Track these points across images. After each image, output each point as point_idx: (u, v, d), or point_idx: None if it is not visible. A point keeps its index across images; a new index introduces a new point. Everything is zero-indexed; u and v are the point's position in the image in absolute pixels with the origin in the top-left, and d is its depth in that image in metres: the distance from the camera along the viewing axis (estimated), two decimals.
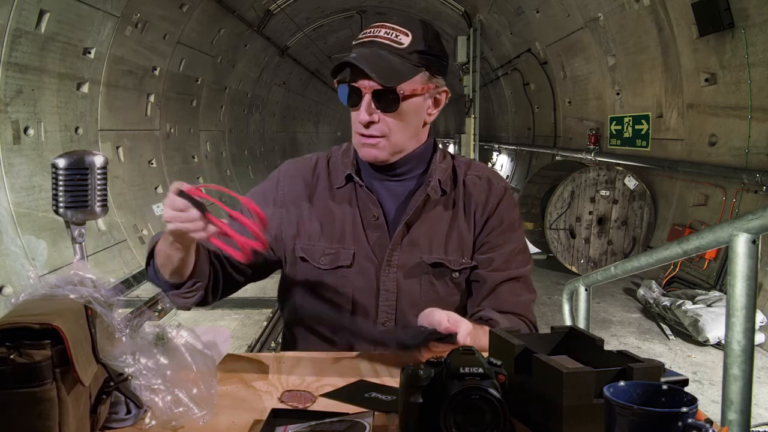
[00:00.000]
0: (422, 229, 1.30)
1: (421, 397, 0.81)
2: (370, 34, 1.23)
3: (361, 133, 1.25)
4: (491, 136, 14.40)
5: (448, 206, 1.33)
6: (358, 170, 1.34)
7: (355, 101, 1.23)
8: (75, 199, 1.18)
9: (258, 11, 11.02)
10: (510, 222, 1.34)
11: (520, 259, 1.34)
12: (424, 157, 1.34)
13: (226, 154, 12.34)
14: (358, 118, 1.23)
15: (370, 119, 1.22)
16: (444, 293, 1.29)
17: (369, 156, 1.27)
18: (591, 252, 6.79)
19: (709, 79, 5.53)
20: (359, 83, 1.21)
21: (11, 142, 5.44)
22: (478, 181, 1.36)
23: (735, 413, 1.61)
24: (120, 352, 0.86)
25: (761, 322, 4.32)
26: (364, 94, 1.21)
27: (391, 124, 1.24)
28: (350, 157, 1.35)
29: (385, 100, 1.22)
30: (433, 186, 1.31)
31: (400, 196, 1.33)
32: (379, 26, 1.24)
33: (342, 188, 1.34)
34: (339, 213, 1.32)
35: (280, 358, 1.18)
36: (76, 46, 6.29)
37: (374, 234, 1.30)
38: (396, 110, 1.23)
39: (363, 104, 1.22)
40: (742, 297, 1.60)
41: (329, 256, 1.29)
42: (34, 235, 5.46)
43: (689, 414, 0.65)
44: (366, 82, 1.20)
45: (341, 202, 1.32)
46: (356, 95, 1.22)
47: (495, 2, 10.08)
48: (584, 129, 8.43)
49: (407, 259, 1.29)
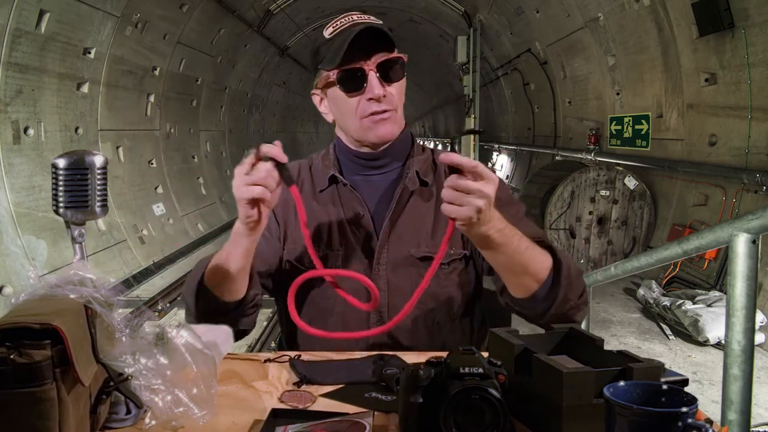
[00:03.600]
0: (407, 222, 1.30)
1: (421, 397, 0.81)
2: (347, 21, 1.23)
3: (373, 111, 1.23)
4: (491, 136, 14.40)
5: (431, 197, 1.33)
6: (340, 170, 1.34)
7: (357, 84, 1.22)
8: (75, 199, 1.18)
9: (258, 11, 11.02)
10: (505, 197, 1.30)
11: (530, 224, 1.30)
12: (404, 147, 1.35)
13: (226, 154, 12.34)
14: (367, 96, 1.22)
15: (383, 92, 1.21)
16: (435, 286, 1.27)
17: (386, 133, 1.26)
18: (591, 252, 6.79)
19: (709, 79, 5.53)
20: (360, 64, 1.20)
21: (11, 142, 5.44)
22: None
23: (735, 413, 1.61)
24: (120, 352, 0.86)
25: (761, 322, 4.32)
26: (368, 71, 1.20)
27: (396, 96, 1.25)
28: (331, 159, 1.36)
29: (393, 68, 1.22)
30: (411, 177, 1.31)
31: (382, 189, 1.33)
32: (346, 15, 1.25)
33: (325, 191, 1.34)
34: (324, 216, 1.32)
35: (280, 358, 1.18)
36: (76, 46, 6.29)
37: (360, 232, 1.31)
38: (402, 78, 1.24)
39: (371, 81, 1.20)
40: (742, 297, 1.61)
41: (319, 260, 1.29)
42: (34, 235, 5.46)
43: (689, 414, 0.65)
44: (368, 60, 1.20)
45: (325, 204, 1.33)
46: (359, 77, 1.21)
47: (495, 2, 10.08)
48: (584, 129, 8.43)
49: (395, 254, 1.29)
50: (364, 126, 1.26)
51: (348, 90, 1.23)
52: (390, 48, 1.22)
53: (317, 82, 1.31)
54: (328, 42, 1.23)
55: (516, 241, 1.09)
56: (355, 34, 1.16)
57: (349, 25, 1.22)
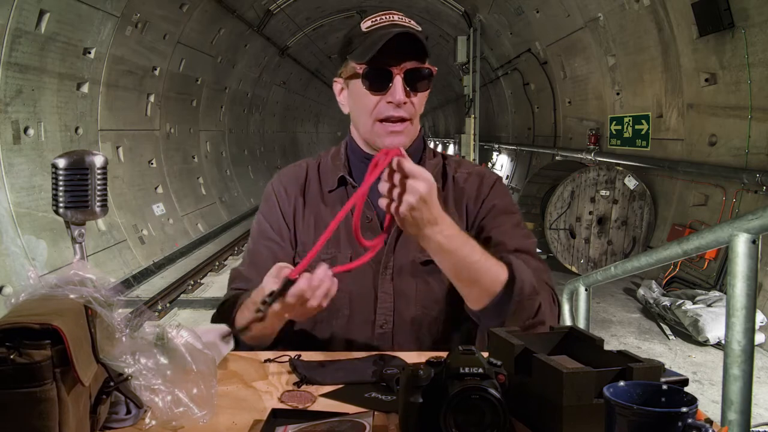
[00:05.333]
0: None
1: (421, 397, 0.81)
2: (387, 19, 1.21)
3: (390, 115, 1.21)
4: (491, 136, 14.40)
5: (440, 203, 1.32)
6: (350, 171, 1.33)
7: (382, 85, 1.20)
8: (75, 199, 1.18)
9: (258, 11, 11.02)
10: (503, 206, 1.31)
11: (519, 234, 1.29)
12: (416, 152, 1.33)
13: (226, 154, 12.34)
14: (388, 99, 1.20)
15: (405, 99, 1.20)
16: (439, 291, 1.28)
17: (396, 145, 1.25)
18: (591, 252, 6.79)
19: (709, 79, 5.53)
20: (389, 66, 1.18)
21: (11, 142, 5.45)
22: (469, 177, 1.35)
23: (735, 413, 1.61)
24: (120, 352, 0.86)
25: (761, 322, 4.33)
26: (395, 75, 1.18)
27: (417, 106, 1.23)
28: (341, 159, 1.34)
29: (419, 78, 1.21)
30: None
31: None
32: (388, 13, 1.23)
33: (334, 191, 1.33)
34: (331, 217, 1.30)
35: (280, 358, 1.18)
36: (76, 46, 6.29)
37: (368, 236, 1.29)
38: (427, 89, 1.23)
39: (396, 84, 1.18)
40: (742, 297, 1.60)
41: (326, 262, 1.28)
42: (34, 235, 5.47)
43: (689, 414, 0.65)
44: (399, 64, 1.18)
45: (333, 205, 1.31)
46: (386, 78, 1.19)
47: (495, 2, 10.08)
48: (584, 129, 8.43)
49: (402, 259, 1.28)
50: (376, 130, 1.24)
51: (372, 88, 1.21)
52: (422, 57, 1.20)
53: (342, 71, 1.28)
54: (363, 35, 1.21)
55: (467, 250, 1.08)
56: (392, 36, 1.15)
57: (388, 24, 1.20)
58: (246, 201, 12.56)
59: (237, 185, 12.58)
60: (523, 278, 1.12)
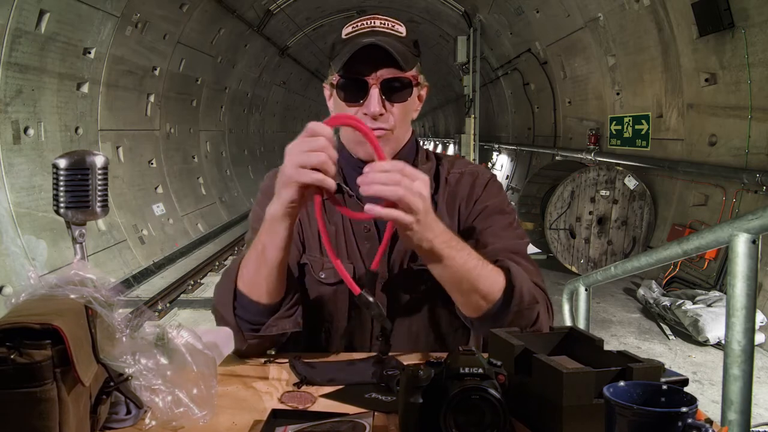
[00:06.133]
0: None
1: (421, 398, 0.81)
2: (367, 25, 1.18)
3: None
4: (491, 136, 14.40)
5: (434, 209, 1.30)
6: (344, 179, 1.29)
7: (358, 96, 1.17)
8: (76, 199, 1.17)
9: (258, 11, 11.02)
10: (496, 206, 1.27)
11: (512, 234, 1.25)
12: (407, 157, 1.29)
13: (226, 154, 12.34)
14: (363, 111, 1.16)
15: (381, 110, 1.16)
16: (435, 297, 1.25)
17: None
18: (591, 252, 6.79)
19: (709, 79, 5.53)
20: (364, 76, 1.15)
21: (11, 142, 5.45)
22: (461, 177, 1.32)
23: (735, 413, 1.61)
24: (120, 352, 0.86)
25: (761, 322, 4.33)
26: (371, 86, 1.15)
27: (397, 116, 1.19)
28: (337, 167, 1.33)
29: (397, 88, 1.16)
30: None
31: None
32: (371, 18, 1.20)
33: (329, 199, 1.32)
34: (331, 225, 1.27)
35: (280, 359, 1.18)
36: (76, 46, 6.29)
37: (365, 245, 1.27)
38: (406, 99, 1.19)
39: (372, 96, 1.15)
40: (742, 297, 1.60)
41: (329, 270, 1.26)
42: (34, 235, 5.47)
43: (689, 414, 0.65)
44: (374, 73, 1.15)
45: (331, 213, 1.27)
46: (361, 89, 1.16)
47: (495, 2, 10.08)
48: (584, 129, 8.43)
49: (398, 266, 1.27)
50: (356, 138, 1.22)
51: (347, 99, 1.18)
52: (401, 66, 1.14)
53: (330, 77, 1.25)
54: (342, 42, 1.19)
55: (464, 256, 1.05)
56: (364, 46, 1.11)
57: (367, 30, 1.17)
58: (246, 201, 12.56)
59: (237, 185, 12.58)
60: (522, 286, 1.10)
